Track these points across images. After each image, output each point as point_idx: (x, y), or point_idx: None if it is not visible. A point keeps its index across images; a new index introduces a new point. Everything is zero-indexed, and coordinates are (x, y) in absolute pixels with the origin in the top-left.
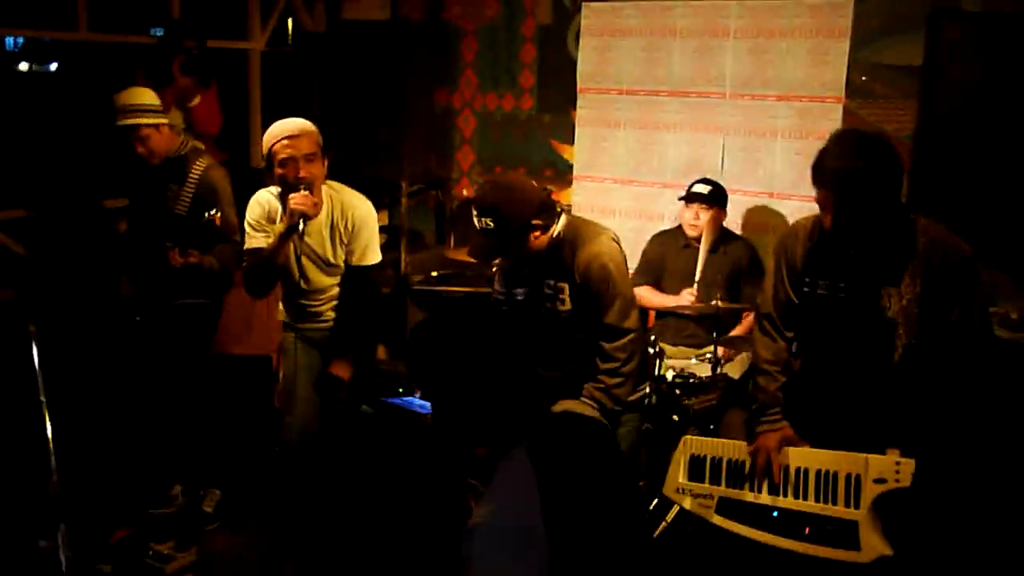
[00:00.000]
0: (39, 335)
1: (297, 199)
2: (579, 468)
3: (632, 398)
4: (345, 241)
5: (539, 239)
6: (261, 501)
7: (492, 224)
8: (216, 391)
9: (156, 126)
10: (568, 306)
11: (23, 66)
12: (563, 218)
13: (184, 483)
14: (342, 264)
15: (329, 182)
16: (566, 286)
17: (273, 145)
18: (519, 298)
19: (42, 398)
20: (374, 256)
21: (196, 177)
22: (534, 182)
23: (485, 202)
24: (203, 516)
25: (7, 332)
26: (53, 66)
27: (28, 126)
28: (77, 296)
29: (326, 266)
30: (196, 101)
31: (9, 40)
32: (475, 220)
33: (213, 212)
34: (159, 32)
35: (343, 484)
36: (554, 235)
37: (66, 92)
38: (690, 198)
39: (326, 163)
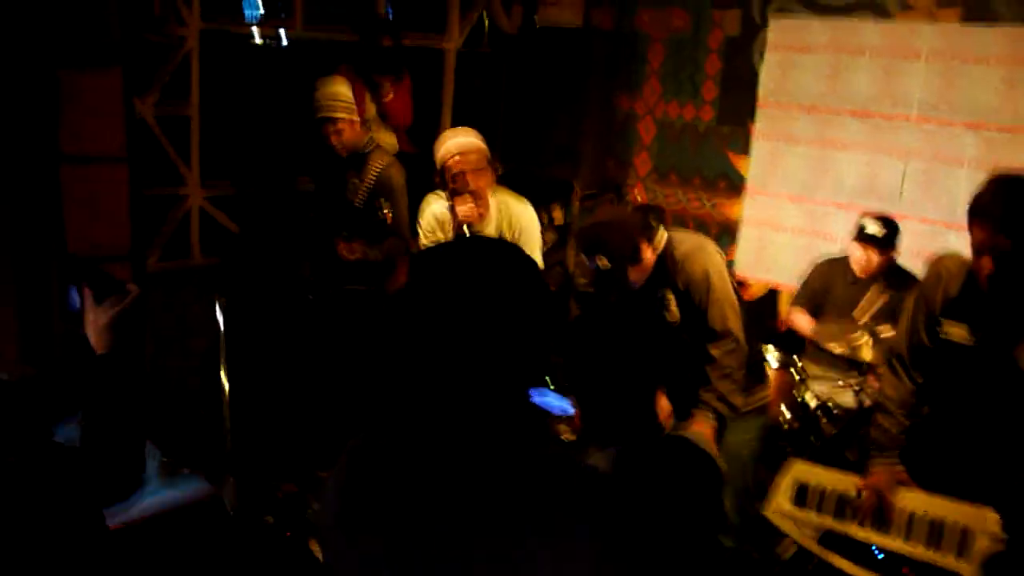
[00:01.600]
0: (227, 306)
1: (463, 209)
2: (672, 499)
3: (750, 406)
4: None
5: (648, 255)
6: None
7: (609, 263)
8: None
9: (350, 121)
10: (676, 316)
11: (258, 39)
12: (662, 230)
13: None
14: None
15: (497, 189)
16: (672, 296)
17: (446, 160)
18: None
19: (222, 363)
20: (536, 260)
21: (376, 173)
22: (624, 206)
23: (592, 245)
24: None
25: (204, 298)
26: (285, 40)
27: (253, 99)
28: (266, 271)
29: None
30: (390, 96)
31: (247, 10)
32: (589, 264)
33: (386, 211)
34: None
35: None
36: (658, 249)
37: (284, 73)
38: (863, 239)
39: (495, 173)
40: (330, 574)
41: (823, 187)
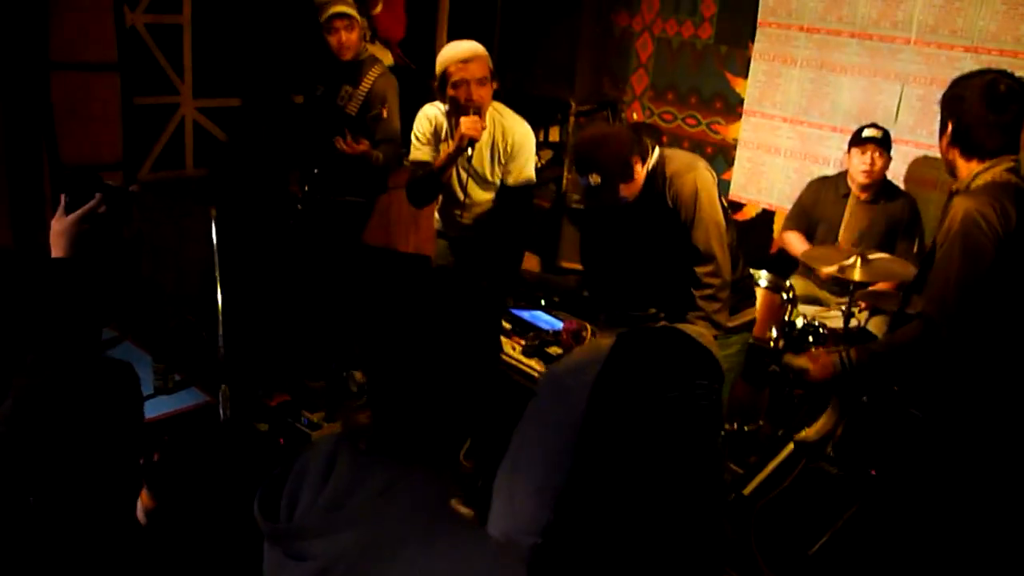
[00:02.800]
0: (218, 217)
1: (468, 124)
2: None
3: (735, 323)
4: (503, 161)
5: (640, 172)
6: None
7: (600, 178)
8: (378, 283)
9: (353, 19)
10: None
11: None
12: (657, 149)
13: (338, 362)
14: (498, 181)
15: (493, 103)
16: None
17: (448, 67)
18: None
19: (216, 274)
20: (529, 176)
21: (370, 83)
22: (618, 124)
23: (584, 160)
24: (351, 394)
25: (197, 209)
26: None
27: (249, 9)
28: (255, 182)
29: (484, 183)
30: (379, 8)
31: None
32: (581, 180)
33: (382, 107)
34: None
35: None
36: (649, 167)
37: None
38: (865, 141)
39: (494, 87)
40: None
41: (819, 110)
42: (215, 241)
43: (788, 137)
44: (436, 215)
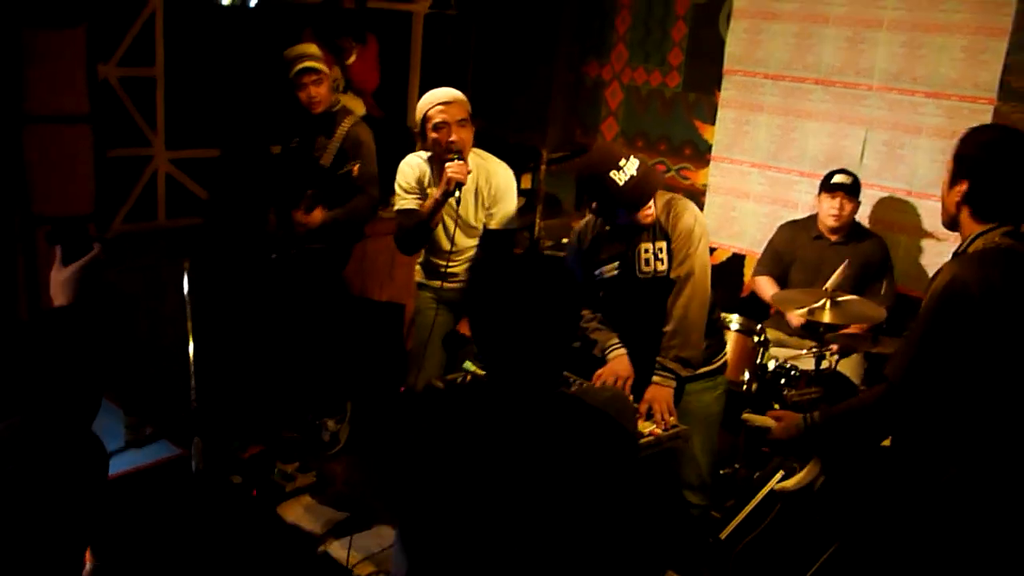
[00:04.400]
0: (192, 267)
1: (454, 168)
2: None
3: (716, 364)
4: (487, 206)
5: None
6: (382, 435)
7: (636, 172)
8: (355, 330)
9: (321, 74)
10: (665, 267)
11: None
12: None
13: (312, 412)
14: (481, 227)
15: (475, 149)
16: (664, 244)
17: (428, 110)
18: (609, 275)
19: (188, 324)
20: (512, 222)
21: (343, 132)
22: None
23: (650, 186)
24: (324, 444)
25: (171, 260)
26: (253, 1)
27: (222, 63)
28: (232, 233)
29: (469, 228)
30: (352, 59)
31: None
32: (627, 171)
33: (352, 163)
34: None
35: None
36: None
37: (249, 36)
38: (834, 188)
39: (474, 130)
40: None
41: (787, 155)
42: (187, 293)
43: (758, 182)
44: (417, 267)
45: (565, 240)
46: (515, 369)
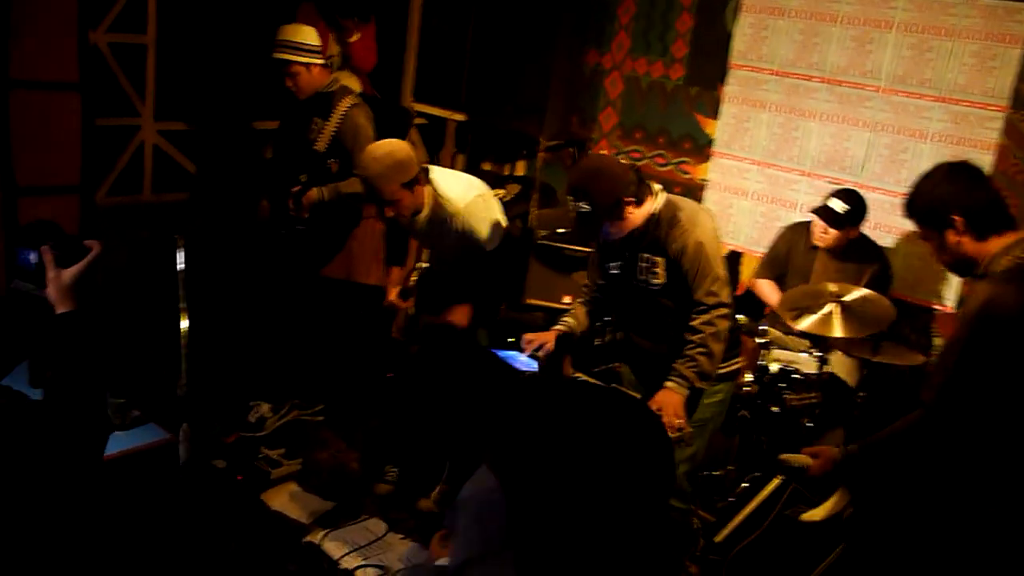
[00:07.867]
0: (186, 245)
1: (389, 213)
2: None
3: (723, 371)
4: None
5: (633, 214)
6: (367, 421)
7: (587, 207)
8: (340, 316)
9: (307, 65)
10: (662, 279)
11: None
12: (662, 196)
13: (299, 397)
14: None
15: (432, 182)
16: (661, 260)
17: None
18: (613, 271)
19: (182, 306)
20: (482, 235)
21: (341, 115)
22: (621, 160)
23: (577, 187)
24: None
25: (159, 237)
26: None
27: (214, 33)
28: (221, 212)
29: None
30: (355, 37)
31: None
32: (571, 206)
33: (333, 161)
34: None
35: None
36: (652, 212)
37: (246, 8)
38: (820, 213)
39: (419, 181)
40: None
41: (788, 154)
42: (180, 271)
43: (756, 180)
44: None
45: (560, 230)
46: None
